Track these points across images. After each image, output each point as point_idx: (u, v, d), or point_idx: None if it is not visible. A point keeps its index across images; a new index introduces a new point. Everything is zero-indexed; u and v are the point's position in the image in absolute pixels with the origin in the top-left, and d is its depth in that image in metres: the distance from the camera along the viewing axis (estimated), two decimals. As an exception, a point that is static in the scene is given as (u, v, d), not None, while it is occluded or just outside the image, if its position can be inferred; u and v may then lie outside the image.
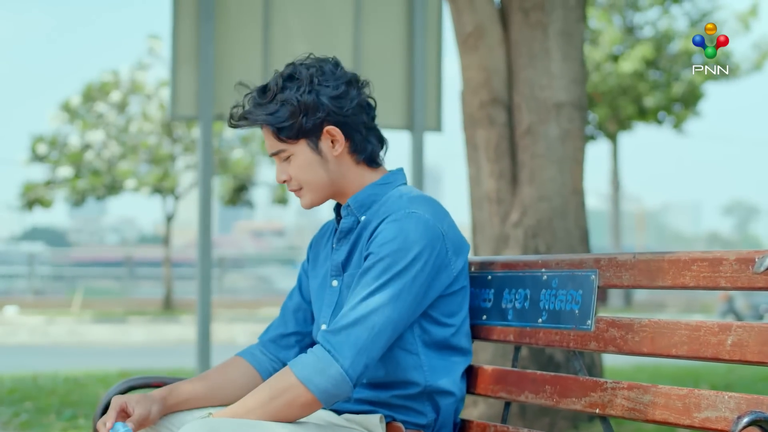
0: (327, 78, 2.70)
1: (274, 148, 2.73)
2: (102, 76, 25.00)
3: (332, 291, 2.77)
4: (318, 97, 2.68)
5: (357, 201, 2.74)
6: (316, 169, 2.72)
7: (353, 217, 2.75)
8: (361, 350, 2.47)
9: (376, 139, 2.78)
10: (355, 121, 2.72)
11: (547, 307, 2.51)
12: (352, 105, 2.71)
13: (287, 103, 2.67)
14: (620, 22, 26.64)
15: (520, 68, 6.00)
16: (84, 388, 8.77)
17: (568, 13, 6.00)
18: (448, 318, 2.66)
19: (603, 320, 2.36)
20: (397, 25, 7.47)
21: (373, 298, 2.51)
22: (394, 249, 2.55)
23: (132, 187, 24.90)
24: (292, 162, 2.73)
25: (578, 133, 6.00)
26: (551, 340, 2.49)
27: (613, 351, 2.30)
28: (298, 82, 2.70)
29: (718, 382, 9.42)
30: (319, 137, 2.70)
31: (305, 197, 2.75)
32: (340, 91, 2.70)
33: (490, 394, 2.65)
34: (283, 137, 2.69)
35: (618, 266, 2.33)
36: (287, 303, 2.98)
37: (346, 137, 2.71)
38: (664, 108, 26.37)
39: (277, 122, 2.68)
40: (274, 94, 2.70)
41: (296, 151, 2.71)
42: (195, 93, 7.12)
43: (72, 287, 32.30)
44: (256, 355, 2.92)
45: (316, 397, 2.45)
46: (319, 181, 2.72)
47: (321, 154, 2.71)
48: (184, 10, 7.14)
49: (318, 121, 2.68)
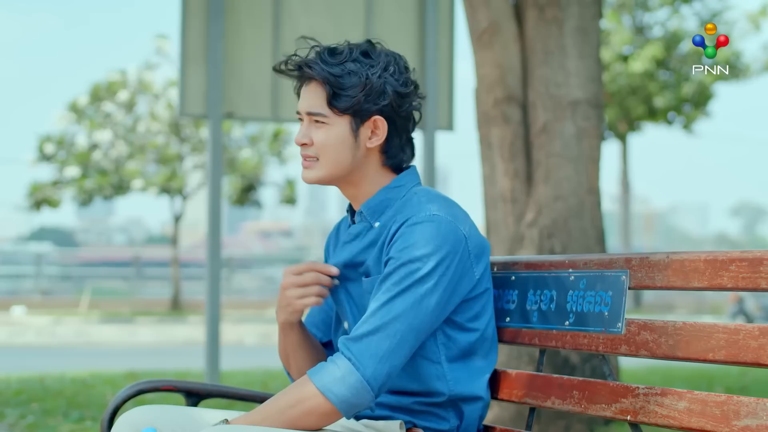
0: (399, 71, 2.62)
1: (313, 108, 2.59)
2: (109, 76, 24.94)
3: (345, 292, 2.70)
4: (385, 84, 2.58)
5: (369, 208, 2.64)
6: (344, 150, 2.60)
7: (366, 223, 2.65)
8: (383, 358, 2.36)
9: (410, 152, 2.68)
10: (403, 125, 2.63)
11: (575, 309, 2.40)
12: (408, 108, 2.62)
13: (355, 74, 2.56)
14: (630, 22, 26.54)
15: (535, 65, 5.91)
16: (91, 389, 8.70)
17: (584, 9, 5.91)
18: (471, 322, 2.55)
19: (634, 323, 2.25)
20: (408, 23, 7.38)
21: (395, 304, 2.41)
22: (415, 254, 2.44)
23: (139, 187, 24.86)
24: (323, 130, 2.60)
25: (594, 131, 5.90)
26: (579, 343, 2.38)
27: (646, 355, 2.20)
28: (372, 61, 2.59)
29: (732, 385, 9.31)
30: (364, 121, 2.59)
31: (315, 170, 2.62)
32: (405, 90, 2.61)
33: (515, 399, 2.55)
34: (333, 104, 2.57)
35: (651, 266, 2.22)
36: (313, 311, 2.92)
37: (387, 135, 2.61)
38: (674, 108, 26.26)
39: (338, 86, 2.55)
40: (345, 59, 2.58)
41: (336, 123, 2.59)
42: (204, 91, 7.04)
43: (79, 287, 32.24)
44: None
45: (336, 407, 2.35)
46: (340, 162, 2.60)
47: (357, 139, 2.60)
48: (193, 8, 7.06)
49: (374, 107, 2.57)
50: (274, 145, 25.59)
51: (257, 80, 7.24)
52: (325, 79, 2.55)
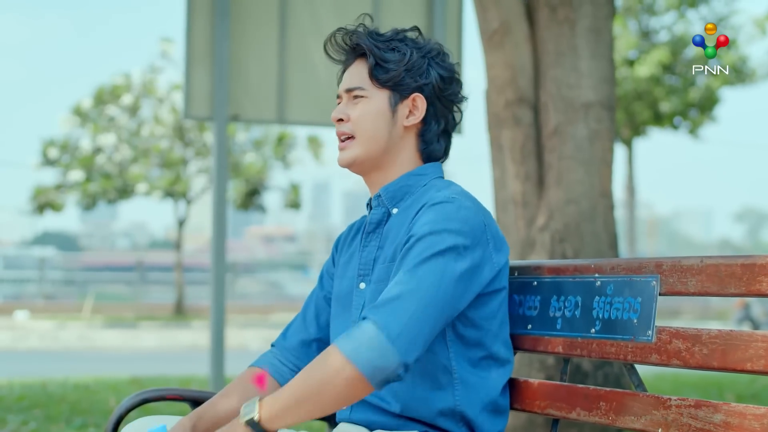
0: (443, 59, 2.61)
1: (354, 83, 2.56)
2: (114, 80, 24.88)
3: (359, 294, 2.55)
4: (429, 66, 2.56)
5: (389, 192, 2.55)
6: (381, 124, 2.53)
7: (384, 208, 2.55)
8: (409, 322, 2.22)
9: (443, 146, 2.61)
10: (442, 111, 2.58)
11: (601, 315, 2.28)
12: (449, 96, 2.58)
13: (398, 51, 2.55)
14: (636, 26, 26.42)
15: (547, 66, 5.79)
16: (94, 395, 8.61)
17: (597, 9, 5.79)
18: (484, 321, 2.43)
19: (666, 330, 2.13)
20: (416, 23, 7.28)
21: (417, 272, 2.28)
22: (438, 228, 2.33)
23: (143, 191, 24.80)
24: (360, 105, 2.55)
25: (607, 133, 5.78)
26: (606, 351, 2.26)
27: (678, 365, 2.08)
28: (416, 44, 2.59)
29: (743, 392, 9.21)
30: (403, 98, 2.54)
31: (350, 149, 2.55)
32: (448, 75, 2.59)
33: (537, 410, 2.43)
34: (375, 75, 2.54)
35: (683, 271, 2.11)
36: (308, 306, 2.76)
37: (425, 118, 2.55)
38: (680, 113, 26.14)
39: (380, 57, 2.53)
40: (392, 38, 2.58)
41: (374, 96, 2.54)
42: (209, 93, 6.94)
43: (83, 292, 32.22)
44: (276, 365, 2.71)
45: (363, 374, 2.19)
46: (376, 138, 2.53)
47: (394, 114, 2.54)
48: (199, 8, 6.96)
49: (415, 83, 2.54)
50: (279, 149, 25.52)
51: (263, 82, 7.15)
52: (369, 50, 2.54)
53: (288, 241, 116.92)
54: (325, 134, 33.60)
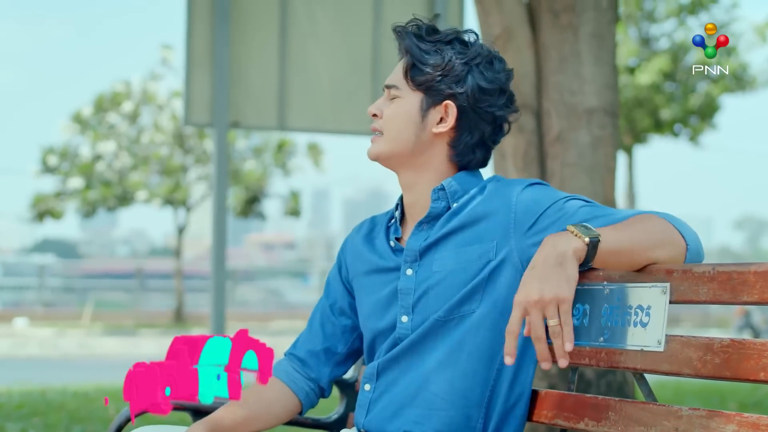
0: (488, 70, 2.48)
1: (393, 81, 2.52)
2: (114, 87, 24.85)
3: (407, 279, 2.46)
4: (468, 74, 2.46)
5: (452, 186, 2.48)
6: (408, 127, 2.47)
7: (444, 202, 2.48)
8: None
9: (480, 158, 2.52)
10: (476, 122, 2.47)
11: (610, 324, 2.23)
12: (487, 108, 2.47)
13: (439, 54, 2.47)
14: (636, 33, 26.39)
15: (549, 72, 5.75)
16: (94, 402, 8.57)
17: (600, 14, 5.74)
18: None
19: (676, 339, 2.09)
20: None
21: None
22: (553, 195, 2.39)
23: (143, 198, 24.76)
24: (394, 105, 2.50)
25: (610, 140, 5.74)
26: (615, 361, 2.21)
27: (689, 374, 2.04)
28: (464, 48, 2.49)
29: (745, 400, 9.16)
30: (435, 104, 2.47)
31: (377, 145, 2.51)
32: (488, 87, 2.47)
33: (544, 420, 2.39)
34: (410, 75, 2.48)
35: (694, 278, 2.06)
36: (314, 316, 2.71)
37: (456, 127, 2.47)
38: (680, 120, 26.10)
39: (419, 58, 2.47)
40: (438, 39, 2.50)
41: (407, 97, 2.49)
42: (209, 99, 6.91)
43: (82, 299, 32.14)
44: (290, 374, 2.66)
45: (687, 243, 2.21)
46: (401, 139, 2.48)
47: (423, 119, 2.47)
48: (199, 13, 6.92)
49: (448, 90, 2.46)
50: (279, 156, 25.48)
51: (263, 88, 7.11)
52: (408, 49, 2.48)
53: (287, 248, 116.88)
54: (326, 141, 33.59)
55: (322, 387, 2.67)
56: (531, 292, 2.10)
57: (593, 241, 2.12)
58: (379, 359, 2.49)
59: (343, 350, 2.68)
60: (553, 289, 2.08)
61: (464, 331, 2.38)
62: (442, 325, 2.40)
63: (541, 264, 2.12)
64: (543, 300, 2.08)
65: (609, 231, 2.16)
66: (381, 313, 2.52)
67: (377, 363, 2.50)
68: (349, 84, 7.33)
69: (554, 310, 2.08)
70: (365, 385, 2.52)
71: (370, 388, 2.50)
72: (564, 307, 2.08)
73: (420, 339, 2.42)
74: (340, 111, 7.33)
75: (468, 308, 2.38)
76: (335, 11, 7.28)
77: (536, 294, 2.09)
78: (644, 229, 2.19)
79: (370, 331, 2.56)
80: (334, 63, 7.35)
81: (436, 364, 2.40)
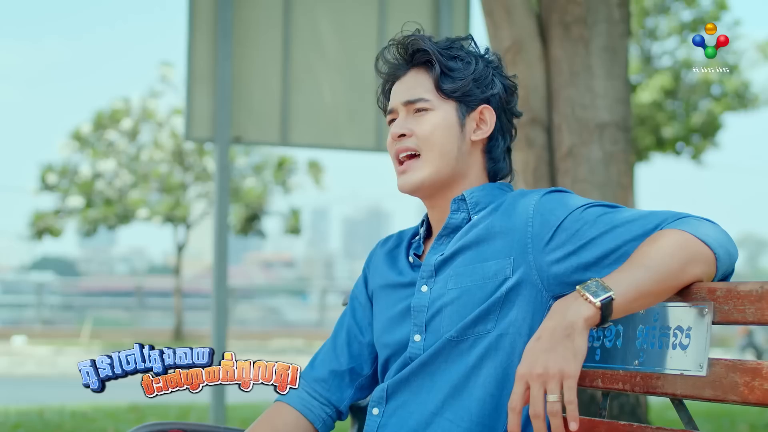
0: (502, 70, 2.43)
1: (415, 95, 2.36)
2: (113, 104, 24.74)
3: (421, 295, 2.32)
4: (493, 76, 2.38)
5: (474, 196, 2.34)
6: (451, 139, 2.33)
7: (465, 213, 2.34)
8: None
9: (509, 164, 2.44)
10: (507, 124, 2.41)
11: (646, 346, 2.09)
12: (513, 108, 2.43)
13: (462, 59, 2.37)
14: (638, 51, 26.31)
15: (560, 86, 5.62)
16: (92, 423, 8.44)
17: (612, 27, 5.62)
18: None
19: (720, 363, 1.94)
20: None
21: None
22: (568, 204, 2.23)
23: (143, 216, 24.64)
24: (425, 118, 2.35)
25: (623, 155, 5.61)
26: (652, 386, 2.07)
27: (735, 401, 1.89)
28: (479, 52, 2.43)
29: (756, 422, 9.02)
30: (471, 110, 2.35)
31: (417, 170, 2.34)
32: (512, 86, 2.43)
33: (574, 448, 2.24)
34: (441, 86, 2.34)
35: (740, 298, 1.92)
36: (338, 332, 2.53)
37: (492, 133, 2.37)
38: (682, 139, 26.00)
39: (447, 67, 2.35)
40: (450, 46, 2.40)
41: (441, 108, 2.35)
42: (211, 114, 6.77)
43: (81, 317, 31.97)
44: (305, 400, 2.47)
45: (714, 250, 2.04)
46: (445, 153, 2.33)
47: (463, 128, 2.35)
48: (201, 27, 6.79)
49: (482, 95, 2.36)
50: (279, 173, 25.36)
51: (266, 103, 6.98)
52: (435, 56, 2.34)
53: (286, 266, 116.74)
54: (327, 158, 33.52)
55: (340, 411, 2.51)
56: (535, 364, 1.98)
57: (605, 303, 1.98)
58: (389, 381, 2.34)
59: (369, 372, 2.50)
60: (558, 363, 1.95)
61: (480, 354, 2.23)
62: (455, 345, 2.25)
63: (548, 335, 1.99)
64: (547, 374, 1.96)
65: (624, 277, 2.00)
66: (393, 330, 2.38)
67: (386, 385, 2.34)
68: (352, 99, 7.21)
69: (556, 385, 1.95)
70: (373, 409, 2.36)
71: (378, 412, 2.34)
72: (568, 383, 1.95)
73: (431, 359, 2.27)
74: (343, 126, 7.20)
75: (483, 329, 2.23)
76: (338, 26, 7.16)
77: (540, 367, 1.97)
78: (662, 256, 2.01)
79: (384, 349, 2.41)
80: (337, 78, 7.22)
81: (451, 389, 2.25)
